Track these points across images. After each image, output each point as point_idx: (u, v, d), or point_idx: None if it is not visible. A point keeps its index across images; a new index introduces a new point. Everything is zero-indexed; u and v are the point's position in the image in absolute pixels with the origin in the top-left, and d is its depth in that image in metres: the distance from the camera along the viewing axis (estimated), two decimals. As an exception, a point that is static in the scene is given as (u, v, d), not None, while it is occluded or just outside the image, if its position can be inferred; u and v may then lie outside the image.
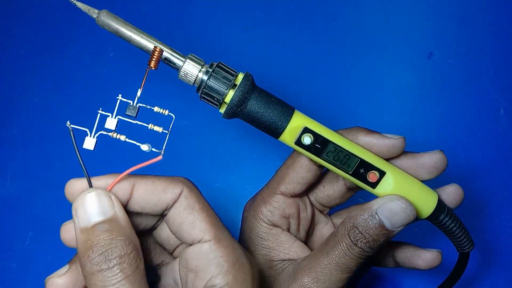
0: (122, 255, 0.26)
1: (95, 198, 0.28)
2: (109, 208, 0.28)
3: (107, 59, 0.56)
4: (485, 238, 0.51)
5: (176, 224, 0.30)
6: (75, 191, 0.29)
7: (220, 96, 0.31)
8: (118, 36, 0.31)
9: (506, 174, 0.52)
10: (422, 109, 0.55)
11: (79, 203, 0.28)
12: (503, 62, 0.56)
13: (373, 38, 0.57)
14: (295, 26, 0.58)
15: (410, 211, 0.33)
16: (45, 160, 0.54)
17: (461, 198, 0.37)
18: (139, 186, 0.30)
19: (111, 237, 0.26)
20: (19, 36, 0.58)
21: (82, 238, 0.27)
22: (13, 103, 0.56)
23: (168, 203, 0.30)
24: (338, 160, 0.33)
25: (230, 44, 0.57)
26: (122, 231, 0.27)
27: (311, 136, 0.33)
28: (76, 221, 0.27)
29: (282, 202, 0.37)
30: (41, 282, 0.50)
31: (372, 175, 0.34)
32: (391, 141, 0.34)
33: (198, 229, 0.30)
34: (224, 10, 0.59)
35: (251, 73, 0.33)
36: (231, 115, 0.32)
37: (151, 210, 0.30)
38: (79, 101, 0.55)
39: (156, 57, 0.30)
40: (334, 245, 0.34)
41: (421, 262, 0.38)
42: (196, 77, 0.31)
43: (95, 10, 0.31)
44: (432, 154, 0.35)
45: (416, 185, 0.35)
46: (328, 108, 0.55)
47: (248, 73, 0.32)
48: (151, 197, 0.30)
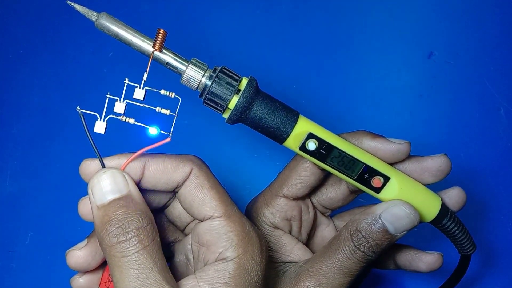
0: (139, 227, 0.27)
1: (110, 176, 0.29)
2: (123, 186, 0.29)
3: (107, 59, 0.56)
4: (485, 239, 0.51)
5: (187, 201, 0.31)
6: (89, 171, 0.30)
7: (223, 102, 0.31)
8: (118, 39, 0.30)
9: (506, 174, 0.52)
10: (422, 109, 0.55)
11: (95, 182, 0.29)
12: (503, 62, 0.56)
13: (373, 38, 0.57)
14: (295, 26, 0.58)
15: (414, 216, 0.33)
16: (45, 160, 0.54)
17: (463, 201, 0.37)
18: (150, 165, 0.31)
19: (128, 212, 0.28)
20: (19, 36, 0.58)
21: (99, 214, 0.28)
22: (13, 103, 0.56)
23: (179, 182, 0.31)
24: (342, 165, 0.33)
25: (231, 45, 0.57)
26: (137, 206, 0.28)
27: (315, 142, 0.33)
28: (92, 199, 0.29)
29: (284, 204, 0.37)
30: (41, 282, 0.51)
31: (376, 180, 0.34)
32: (396, 146, 0.34)
33: (208, 206, 0.31)
34: (224, 11, 0.59)
35: (252, 75, 0.32)
36: (234, 121, 0.32)
37: (163, 188, 0.31)
38: (79, 101, 0.55)
39: (161, 39, 0.30)
40: (336, 248, 0.34)
41: (422, 265, 0.38)
42: (199, 82, 0.31)
43: (93, 13, 0.30)
44: (437, 157, 0.35)
45: (420, 190, 0.35)
46: (328, 108, 0.55)
47: (252, 77, 0.32)
48: (162, 176, 0.31)
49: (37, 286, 0.50)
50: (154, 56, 0.30)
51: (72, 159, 0.54)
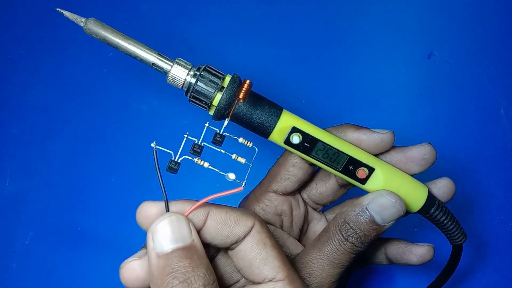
0: (206, 284, 0.25)
1: (174, 222, 0.26)
2: (187, 235, 0.26)
3: (107, 59, 0.56)
4: (485, 239, 0.51)
5: (247, 259, 0.29)
6: (149, 215, 0.28)
7: (208, 99, 0.32)
8: (106, 43, 0.31)
9: (506, 174, 0.53)
10: (422, 109, 0.55)
11: (158, 227, 0.26)
12: (503, 62, 0.56)
13: (373, 38, 0.57)
14: (295, 26, 0.58)
15: (399, 205, 0.33)
16: (45, 160, 0.54)
17: (452, 192, 0.37)
18: (213, 214, 0.28)
19: (193, 265, 0.25)
20: (19, 36, 0.58)
21: (159, 263, 0.25)
22: (13, 103, 0.56)
23: (240, 236, 0.28)
24: (327, 158, 0.34)
25: (231, 45, 0.57)
26: (202, 259, 0.26)
27: (299, 135, 0.33)
28: (152, 245, 0.26)
29: (274, 200, 0.37)
30: (41, 282, 0.51)
31: (361, 171, 0.34)
32: (379, 135, 0.34)
33: (270, 266, 0.28)
34: (224, 11, 0.59)
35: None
36: (220, 117, 0.33)
37: (221, 241, 0.28)
38: (79, 101, 0.55)
39: (246, 90, 0.31)
40: (326, 240, 0.34)
41: (413, 257, 0.38)
42: (184, 80, 0.32)
43: (82, 19, 0.31)
44: (421, 146, 0.35)
45: (405, 179, 0.35)
46: (328, 108, 0.55)
47: (235, 75, 0.32)
48: (224, 227, 0.28)
49: (37, 286, 0.50)
50: (140, 58, 0.31)
51: (72, 159, 0.54)
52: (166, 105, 0.55)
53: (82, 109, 0.55)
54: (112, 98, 0.55)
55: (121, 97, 0.55)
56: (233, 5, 0.59)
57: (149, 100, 0.55)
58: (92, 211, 0.52)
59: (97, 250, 0.51)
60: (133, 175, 0.53)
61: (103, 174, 0.53)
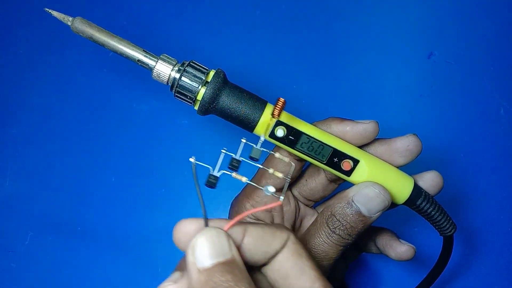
0: None
1: (215, 237, 0.26)
2: (227, 249, 0.26)
3: (107, 59, 0.56)
4: (484, 238, 0.51)
5: (283, 270, 0.28)
6: (187, 232, 0.27)
7: (192, 94, 0.32)
8: (93, 41, 0.32)
9: (506, 174, 0.53)
10: (422, 109, 0.55)
11: (198, 242, 0.26)
12: (503, 62, 0.56)
13: (373, 38, 0.57)
14: (294, 26, 0.58)
15: (384, 196, 0.34)
16: (45, 160, 0.54)
17: (439, 186, 0.37)
18: (250, 231, 0.27)
19: (235, 279, 0.25)
20: (19, 36, 0.58)
21: (200, 279, 0.25)
22: (13, 103, 0.56)
23: (277, 249, 0.28)
24: (312, 150, 0.34)
25: (232, 45, 0.57)
26: (243, 274, 0.25)
27: (284, 129, 0.34)
28: (192, 260, 0.25)
29: (264, 196, 0.38)
30: (41, 282, 0.51)
31: (346, 163, 0.34)
32: (362, 125, 0.35)
33: (307, 276, 0.28)
34: (223, 11, 0.59)
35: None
36: (204, 112, 0.33)
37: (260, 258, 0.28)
38: (79, 101, 0.55)
39: (280, 107, 0.32)
40: (313, 233, 0.34)
41: (392, 252, 0.38)
42: (169, 76, 0.32)
43: (69, 18, 0.32)
44: (405, 138, 0.35)
45: (390, 171, 0.35)
46: (328, 108, 0.55)
47: (219, 69, 0.33)
48: (262, 242, 0.28)
49: (37, 286, 0.50)
50: (125, 54, 0.32)
51: (72, 159, 0.54)
52: (166, 105, 0.55)
53: (82, 109, 0.55)
54: (112, 98, 0.55)
55: (121, 97, 0.55)
56: (232, 4, 0.59)
57: (149, 100, 0.55)
58: (92, 211, 0.52)
59: (97, 250, 0.51)
60: (133, 175, 0.53)
61: (103, 174, 0.53)
